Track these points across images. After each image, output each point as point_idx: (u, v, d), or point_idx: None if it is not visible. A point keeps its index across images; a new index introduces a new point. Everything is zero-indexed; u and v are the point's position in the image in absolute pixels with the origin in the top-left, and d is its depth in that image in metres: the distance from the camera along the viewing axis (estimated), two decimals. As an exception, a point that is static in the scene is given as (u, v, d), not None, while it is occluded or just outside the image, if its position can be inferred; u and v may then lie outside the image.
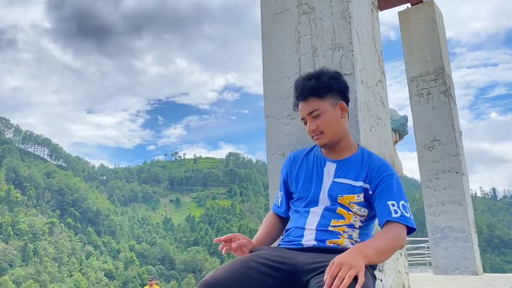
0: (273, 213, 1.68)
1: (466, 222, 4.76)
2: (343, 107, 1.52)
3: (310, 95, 1.51)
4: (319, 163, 1.56)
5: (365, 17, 2.14)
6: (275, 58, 2.13)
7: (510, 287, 2.05)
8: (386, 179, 1.43)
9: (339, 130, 1.51)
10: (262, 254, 1.41)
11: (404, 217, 1.36)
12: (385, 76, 2.25)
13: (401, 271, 1.92)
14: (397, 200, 1.39)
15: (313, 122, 1.51)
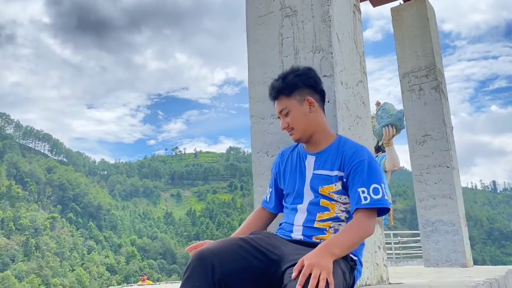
0: (260, 207, 1.79)
1: (456, 216, 4.86)
2: (311, 102, 1.61)
3: (278, 95, 1.63)
4: (301, 158, 1.66)
5: (346, 19, 2.22)
6: (259, 60, 2.21)
7: (487, 278, 2.14)
8: (357, 166, 1.50)
9: (309, 124, 1.61)
10: (255, 238, 1.51)
11: (373, 201, 1.44)
12: (366, 77, 2.33)
13: (379, 264, 2.01)
14: (368, 185, 1.46)
15: (284, 119, 1.63)
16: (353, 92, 2.13)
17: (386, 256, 2.13)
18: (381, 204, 1.44)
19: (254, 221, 1.75)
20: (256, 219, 1.76)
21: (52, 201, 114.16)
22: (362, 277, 1.82)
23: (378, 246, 2.04)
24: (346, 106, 2.02)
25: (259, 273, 1.43)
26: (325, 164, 1.58)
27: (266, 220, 1.77)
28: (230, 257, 1.38)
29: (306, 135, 1.62)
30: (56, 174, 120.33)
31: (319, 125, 1.63)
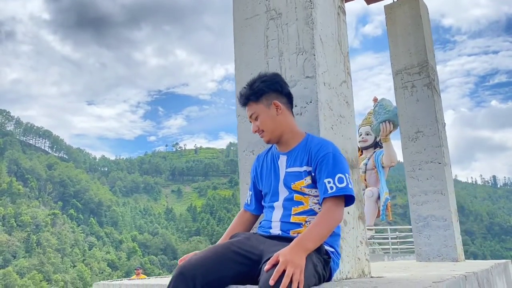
0: (243, 210, 1.91)
1: (448, 211, 4.92)
2: (277, 105, 1.72)
3: (247, 101, 1.75)
4: (274, 159, 1.77)
5: (330, 21, 2.28)
6: (245, 61, 2.27)
7: (467, 272, 2.22)
8: (322, 159, 1.60)
9: (277, 126, 1.72)
10: (235, 242, 1.60)
11: (338, 189, 1.53)
12: (350, 77, 2.40)
13: (361, 258, 2.08)
14: (333, 175, 1.55)
15: (254, 123, 1.75)
16: (336, 92, 2.19)
17: (369, 250, 2.20)
18: (345, 192, 1.54)
19: (238, 224, 1.87)
20: (240, 222, 1.87)
21: (53, 198, 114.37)
22: (343, 270, 1.89)
23: (360, 241, 2.11)
24: (328, 106, 2.09)
25: (243, 275, 1.54)
26: (295, 162, 1.68)
27: (249, 223, 1.88)
28: (213, 267, 1.47)
29: (275, 136, 1.74)
30: (56, 170, 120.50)
31: (287, 126, 1.74)
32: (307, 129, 1.99)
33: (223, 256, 1.51)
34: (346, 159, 1.69)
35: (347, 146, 2.20)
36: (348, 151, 2.19)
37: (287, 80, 2.10)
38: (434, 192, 5.05)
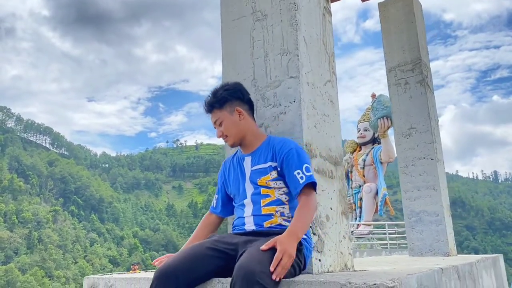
0: (208, 213, 2.02)
1: (440, 206, 4.99)
2: (240, 111, 1.86)
3: (212, 109, 1.88)
4: (240, 161, 1.90)
5: (315, 22, 2.34)
6: (232, 61, 2.33)
7: (447, 265, 2.29)
8: (287, 154, 1.74)
9: (240, 130, 1.86)
10: (212, 241, 1.71)
11: (308, 178, 1.67)
12: (336, 76, 2.46)
13: (344, 252, 2.15)
14: (300, 167, 1.69)
15: (219, 129, 1.88)
16: (320, 91, 2.26)
17: (352, 245, 2.27)
18: (313, 179, 1.68)
19: (204, 226, 1.99)
20: (206, 224, 2.00)
21: (54, 194, 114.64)
22: (325, 264, 1.96)
23: (343, 236, 2.18)
24: (312, 105, 2.15)
25: (222, 270, 1.62)
26: (259, 160, 1.82)
27: (214, 225, 2.00)
28: (193, 264, 1.57)
29: (238, 139, 1.88)
30: (57, 167, 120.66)
31: (249, 130, 1.89)
32: (290, 128, 2.06)
33: (202, 254, 1.60)
34: (307, 152, 1.88)
35: (331, 144, 2.26)
36: (332, 148, 2.26)
37: (272, 80, 2.17)
38: (427, 188, 5.11)
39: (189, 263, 1.55)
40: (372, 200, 13.32)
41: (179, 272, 1.52)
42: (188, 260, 1.56)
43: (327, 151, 2.22)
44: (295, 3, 2.17)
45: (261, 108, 2.17)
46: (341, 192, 2.25)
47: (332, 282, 1.39)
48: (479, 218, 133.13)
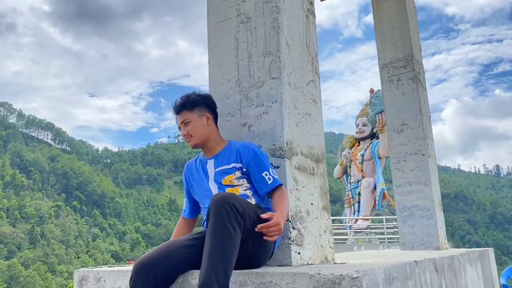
0: (181, 217, 2.18)
1: (431, 201, 5.07)
2: (208, 117, 2.01)
3: (182, 109, 2.00)
4: (203, 165, 2.02)
5: (298, 24, 2.42)
6: (218, 62, 2.42)
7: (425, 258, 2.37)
8: (253, 157, 1.91)
9: (205, 134, 1.99)
10: (186, 237, 1.86)
11: (275, 179, 1.88)
12: (319, 76, 2.54)
13: (324, 246, 2.24)
14: (267, 169, 1.89)
15: (185, 129, 1.99)
16: (302, 91, 2.34)
17: (333, 239, 2.36)
18: (280, 182, 1.91)
19: (179, 230, 2.14)
20: (181, 228, 2.15)
21: (56, 190, 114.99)
22: (304, 257, 2.05)
23: (323, 230, 2.27)
24: (293, 105, 2.23)
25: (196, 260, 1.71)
26: (222, 162, 1.96)
27: (189, 226, 2.15)
28: (169, 257, 1.68)
29: (202, 141, 2.01)
30: (59, 162, 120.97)
31: (213, 135, 2.03)
32: (272, 127, 2.15)
33: (178, 246, 1.72)
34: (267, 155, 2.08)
35: (313, 142, 2.35)
36: (314, 146, 2.34)
37: (255, 80, 2.25)
38: (418, 183, 5.20)
39: (166, 256, 1.65)
40: (370, 194, 13.41)
41: (156, 264, 1.61)
42: (165, 253, 1.67)
43: (309, 149, 2.30)
44: (278, 6, 2.25)
45: (245, 108, 2.26)
46: (322, 188, 2.34)
47: (303, 273, 1.48)
48: (481, 212, 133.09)
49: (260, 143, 2.17)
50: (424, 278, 2.13)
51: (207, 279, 1.43)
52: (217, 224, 1.54)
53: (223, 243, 1.51)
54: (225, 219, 1.54)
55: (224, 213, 1.55)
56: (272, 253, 1.88)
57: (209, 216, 1.59)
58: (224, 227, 1.53)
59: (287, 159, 2.08)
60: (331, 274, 1.43)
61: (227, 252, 1.50)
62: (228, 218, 1.55)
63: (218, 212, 1.55)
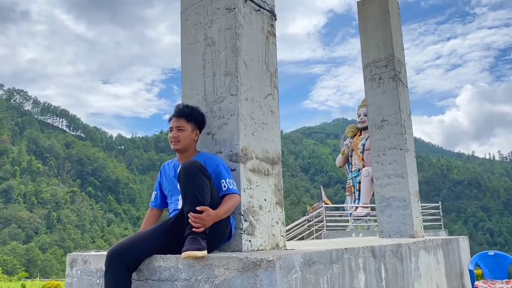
0: (150, 208, 2.59)
1: (407, 193, 5.46)
2: (197, 134, 2.47)
3: (183, 116, 2.42)
4: (176, 167, 2.44)
5: (257, 46, 2.82)
6: (189, 79, 2.84)
7: (379, 245, 2.75)
8: (215, 168, 2.30)
9: (189, 144, 2.42)
10: (152, 226, 2.32)
11: (229, 189, 2.26)
12: (277, 89, 2.94)
13: (276, 235, 2.67)
14: (225, 179, 2.27)
15: (177, 132, 2.41)
16: (260, 104, 2.75)
17: (285, 229, 2.78)
18: (235, 191, 2.30)
19: (147, 219, 2.56)
20: (149, 217, 2.57)
21: (71, 176, 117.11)
22: (255, 244, 2.48)
23: (276, 222, 2.69)
24: (250, 117, 2.65)
25: (165, 245, 2.16)
26: None
27: (156, 217, 2.57)
28: (139, 243, 2.11)
29: (183, 149, 2.43)
30: (74, 149, 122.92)
31: (193, 147, 2.48)
32: (231, 136, 2.57)
33: (143, 237, 2.15)
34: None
35: (269, 147, 2.77)
36: (269, 151, 2.76)
37: (218, 96, 2.67)
38: (396, 176, 5.58)
39: (134, 244, 2.09)
40: (370, 183, 13.74)
41: (126, 250, 2.05)
42: (133, 241, 2.11)
43: (264, 153, 2.72)
44: (237, 32, 2.65)
45: (210, 119, 2.68)
46: (276, 186, 2.76)
47: (234, 257, 1.91)
48: (495, 199, 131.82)
49: (221, 149, 2.60)
50: (355, 262, 2.55)
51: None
52: (191, 176, 2.04)
53: (199, 188, 2.03)
54: (198, 172, 2.05)
55: (196, 169, 2.06)
56: (229, 238, 2.31)
57: (181, 175, 2.09)
58: (198, 176, 2.05)
59: (241, 163, 2.51)
60: (255, 258, 1.86)
61: (204, 196, 2.04)
62: (201, 172, 2.07)
63: (190, 169, 2.06)
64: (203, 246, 1.98)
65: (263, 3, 2.92)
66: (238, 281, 1.87)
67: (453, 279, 4.95)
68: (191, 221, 2.01)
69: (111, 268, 2.01)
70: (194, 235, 1.99)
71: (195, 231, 2.02)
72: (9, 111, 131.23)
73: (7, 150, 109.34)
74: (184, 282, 2.02)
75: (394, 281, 3.10)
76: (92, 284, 2.38)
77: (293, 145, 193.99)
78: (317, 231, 13.45)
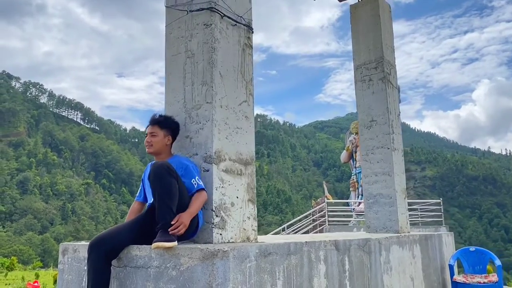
0: (135, 202, 2.92)
1: (393, 190, 5.69)
2: (169, 139, 2.77)
3: (156, 123, 2.75)
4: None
5: (233, 58, 3.10)
6: (171, 87, 3.13)
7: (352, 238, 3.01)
8: (185, 169, 2.60)
9: (161, 148, 2.74)
10: (134, 218, 2.59)
11: (199, 185, 2.55)
12: (252, 96, 3.22)
13: (247, 229, 2.96)
14: (195, 177, 2.57)
15: (150, 138, 2.75)
16: (234, 110, 3.03)
17: (256, 224, 3.07)
18: (202, 186, 2.58)
19: (131, 212, 2.87)
20: (133, 210, 2.88)
21: (85, 168, 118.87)
22: (226, 237, 2.77)
23: (247, 217, 2.98)
24: (224, 122, 2.93)
25: (140, 235, 2.47)
26: None
27: (139, 210, 2.88)
28: (116, 235, 2.44)
29: (156, 152, 2.76)
30: (88, 141, 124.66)
31: (166, 150, 2.79)
32: (206, 139, 2.86)
33: (122, 228, 2.46)
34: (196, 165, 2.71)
35: (242, 149, 3.05)
36: (243, 153, 3.05)
37: (196, 103, 2.96)
38: (383, 174, 5.81)
39: (114, 234, 2.41)
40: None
41: (106, 240, 2.37)
42: (113, 232, 2.42)
43: (238, 155, 3.01)
44: (213, 46, 2.94)
45: (188, 124, 2.97)
46: (249, 185, 3.05)
47: (195, 247, 2.21)
48: (511, 196, 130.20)
49: (197, 151, 2.89)
50: (315, 254, 2.83)
51: (162, 219, 2.32)
52: (158, 176, 2.34)
53: (165, 187, 2.33)
54: (164, 173, 2.35)
55: (163, 170, 2.37)
56: (195, 232, 2.62)
57: (150, 175, 2.39)
58: (165, 177, 2.35)
59: (214, 164, 2.80)
60: (213, 248, 2.16)
61: (171, 194, 2.34)
62: (168, 172, 2.37)
63: (158, 170, 2.36)
64: (172, 238, 2.29)
65: (240, 18, 3.20)
66: (199, 269, 2.17)
67: (431, 273, 5.19)
68: (173, 232, 2.31)
69: (91, 256, 2.33)
70: (164, 228, 2.30)
71: (172, 232, 2.32)
72: (25, 104, 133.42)
73: (23, 142, 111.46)
74: (155, 269, 2.33)
75: (360, 272, 3.37)
76: (80, 270, 2.71)
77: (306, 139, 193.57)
78: (320, 225, 13.73)
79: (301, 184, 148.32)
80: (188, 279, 2.17)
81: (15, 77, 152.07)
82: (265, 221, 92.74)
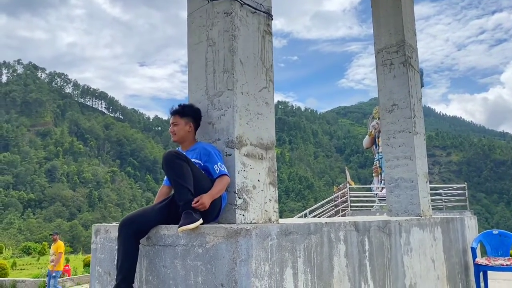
0: (162, 186, 3.05)
1: (415, 174, 5.71)
2: (190, 126, 2.88)
3: (176, 113, 2.88)
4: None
5: (253, 45, 3.18)
6: (194, 75, 3.24)
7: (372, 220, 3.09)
8: (208, 156, 2.71)
9: (184, 136, 2.86)
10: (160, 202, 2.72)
11: (221, 171, 2.65)
12: (272, 82, 3.30)
13: (269, 210, 3.07)
14: (217, 163, 2.67)
15: (173, 127, 2.88)
16: (254, 97, 3.12)
17: (277, 206, 3.18)
18: (225, 172, 2.67)
19: (159, 196, 2.98)
20: (160, 194, 2.98)
21: (111, 156, 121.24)
22: (248, 218, 2.88)
23: (269, 199, 3.09)
24: (245, 108, 3.03)
25: (166, 216, 2.61)
26: (192, 156, 2.77)
27: (167, 194, 2.97)
28: (144, 216, 2.59)
29: (180, 140, 2.88)
30: (113, 130, 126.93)
31: (189, 138, 2.90)
32: (228, 125, 2.96)
33: (150, 209, 2.60)
34: (220, 151, 2.77)
35: (263, 135, 3.14)
36: (263, 138, 3.14)
37: (217, 90, 3.06)
38: (404, 158, 5.83)
39: (142, 215, 2.55)
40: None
41: (134, 220, 2.51)
42: (141, 213, 2.57)
43: (259, 140, 3.10)
44: (234, 34, 3.02)
45: (211, 111, 3.08)
46: (270, 169, 3.15)
47: (221, 227, 2.33)
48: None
49: (220, 137, 3.00)
50: (335, 234, 2.92)
51: (181, 199, 2.45)
52: (168, 163, 2.47)
53: (177, 172, 2.46)
54: (174, 158, 2.48)
55: (172, 156, 2.48)
56: (219, 213, 2.74)
57: (162, 164, 2.51)
58: (175, 162, 2.47)
59: (236, 149, 2.90)
60: (237, 227, 2.27)
61: (183, 175, 2.46)
62: (176, 157, 2.49)
63: (167, 157, 2.48)
64: (196, 218, 2.41)
65: (259, 6, 3.27)
66: (224, 246, 2.29)
67: (453, 255, 5.22)
68: (195, 205, 2.44)
69: (121, 236, 2.49)
70: (187, 209, 2.43)
71: (195, 205, 2.45)
72: (51, 94, 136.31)
73: (50, 132, 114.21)
74: (183, 247, 2.47)
75: (379, 252, 3.45)
76: (112, 249, 2.87)
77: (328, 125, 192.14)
78: (342, 211, 13.78)
79: (323, 170, 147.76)
80: (214, 256, 2.30)
81: (40, 68, 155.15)
82: (287, 207, 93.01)
